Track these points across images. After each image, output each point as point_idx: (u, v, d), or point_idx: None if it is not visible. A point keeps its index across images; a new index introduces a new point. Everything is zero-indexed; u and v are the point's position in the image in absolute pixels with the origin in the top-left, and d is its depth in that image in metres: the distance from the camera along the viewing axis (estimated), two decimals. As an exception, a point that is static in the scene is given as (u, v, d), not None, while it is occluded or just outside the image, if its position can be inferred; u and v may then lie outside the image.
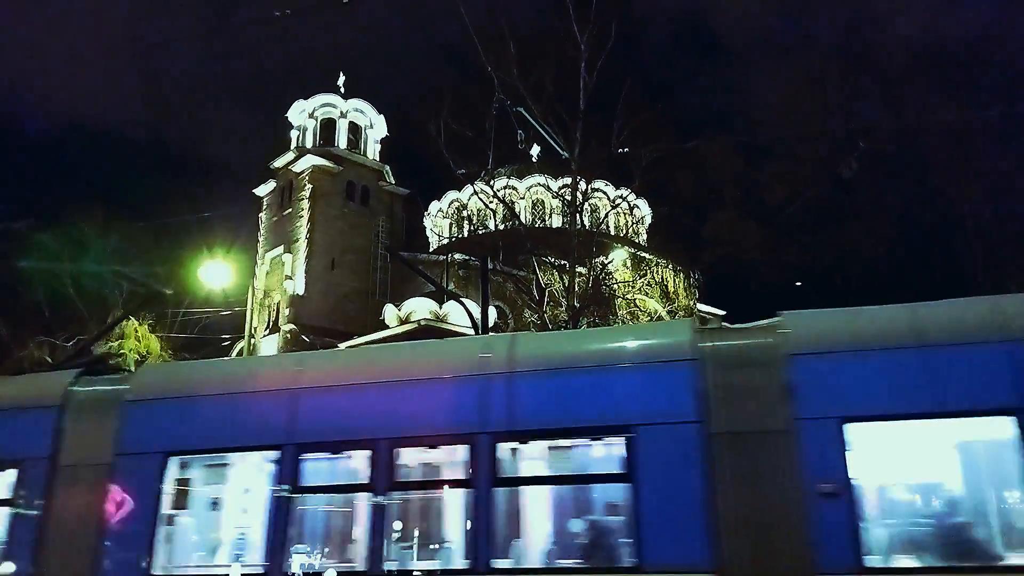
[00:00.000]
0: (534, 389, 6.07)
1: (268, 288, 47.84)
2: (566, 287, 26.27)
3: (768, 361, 5.82)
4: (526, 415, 5.96)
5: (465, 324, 26.05)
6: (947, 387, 5.45)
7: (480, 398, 6.04)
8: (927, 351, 5.64)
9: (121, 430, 6.64)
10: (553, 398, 6.04)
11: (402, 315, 34.39)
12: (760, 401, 5.66)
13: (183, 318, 36.70)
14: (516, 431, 5.96)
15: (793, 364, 5.71)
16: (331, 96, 53.45)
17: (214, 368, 9.92)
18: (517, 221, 31.65)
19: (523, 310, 28.80)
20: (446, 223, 57.40)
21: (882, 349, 5.74)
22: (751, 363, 5.92)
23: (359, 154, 52.99)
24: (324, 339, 41.07)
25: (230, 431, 6.61)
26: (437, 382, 6.37)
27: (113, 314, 35.25)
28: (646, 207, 52.75)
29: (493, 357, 6.37)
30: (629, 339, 6.79)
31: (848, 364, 5.72)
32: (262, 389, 6.78)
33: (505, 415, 5.92)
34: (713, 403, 5.65)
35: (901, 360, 5.66)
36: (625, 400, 5.93)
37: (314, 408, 6.46)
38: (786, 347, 5.83)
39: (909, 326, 5.86)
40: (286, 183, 51.16)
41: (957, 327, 5.78)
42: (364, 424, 6.28)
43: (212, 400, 6.78)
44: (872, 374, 5.64)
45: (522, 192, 52.87)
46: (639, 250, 41.72)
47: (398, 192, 53.07)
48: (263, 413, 6.52)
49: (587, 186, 29.28)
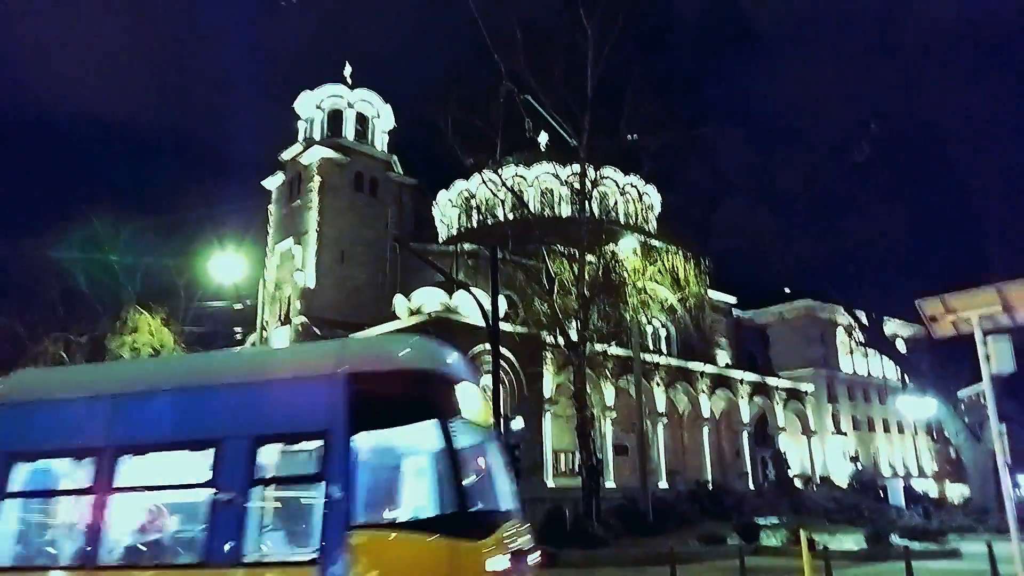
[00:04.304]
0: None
1: (279, 280, 47.99)
2: (576, 276, 26.18)
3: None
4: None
5: (475, 314, 26.06)
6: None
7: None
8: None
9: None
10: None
11: (412, 306, 34.41)
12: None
13: (195, 311, 36.94)
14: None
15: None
16: (338, 87, 53.34)
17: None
18: (526, 210, 31.56)
19: (533, 299, 28.75)
20: (455, 213, 57.36)
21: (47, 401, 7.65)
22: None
23: (367, 145, 52.92)
24: (335, 331, 41.20)
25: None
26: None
27: (125, 309, 35.57)
28: (655, 194, 52.55)
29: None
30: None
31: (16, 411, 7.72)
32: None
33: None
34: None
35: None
36: None
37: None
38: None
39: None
40: (295, 175, 51.19)
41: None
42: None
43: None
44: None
45: (531, 181, 52.73)
46: (648, 237, 41.57)
47: (406, 182, 53.00)
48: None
49: (596, 174, 29.13)
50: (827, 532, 26.11)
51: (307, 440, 6.78)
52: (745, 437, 48.85)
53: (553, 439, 36.20)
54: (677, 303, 34.09)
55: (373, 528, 6.41)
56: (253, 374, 7.68)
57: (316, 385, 6.99)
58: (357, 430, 6.54)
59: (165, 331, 35.92)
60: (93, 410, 7.51)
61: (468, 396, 7.40)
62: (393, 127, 55.28)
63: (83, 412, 7.55)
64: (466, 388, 7.43)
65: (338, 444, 6.46)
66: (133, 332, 35.06)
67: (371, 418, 6.68)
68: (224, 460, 6.75)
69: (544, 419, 35.31)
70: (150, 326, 35.46)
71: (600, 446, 33.51)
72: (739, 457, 48.85)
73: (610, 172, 47.91)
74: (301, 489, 6.91)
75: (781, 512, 32.74)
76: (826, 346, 68.63)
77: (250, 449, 6.71)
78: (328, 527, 6.27)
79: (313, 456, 6.66)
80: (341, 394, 6.73)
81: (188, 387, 7.55)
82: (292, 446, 6.93)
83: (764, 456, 50.22)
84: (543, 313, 27.66)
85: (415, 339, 7.95)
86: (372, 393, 6.79)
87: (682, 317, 49.36)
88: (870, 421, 70.45)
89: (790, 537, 22.26)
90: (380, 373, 7.03)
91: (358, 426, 6.57)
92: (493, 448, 7.93)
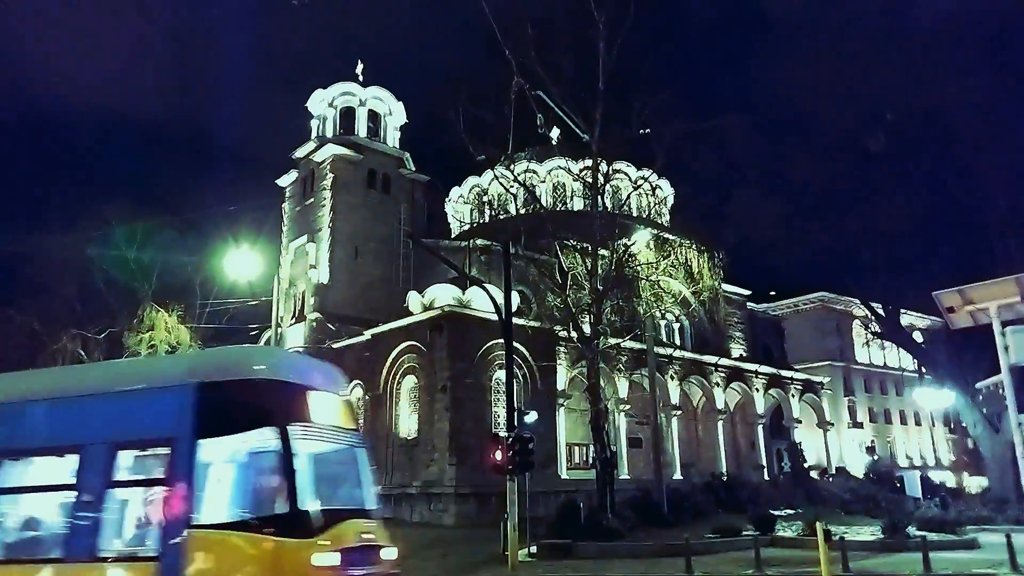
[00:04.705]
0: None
1: (293, 277, 48.28)
2: (589, 270, 26.16)
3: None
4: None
5: (488, 309, 26.12)
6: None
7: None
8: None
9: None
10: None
11: (425, 301, 34.52)
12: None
13: (211, 309, 37.26)
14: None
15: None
16: (350, 84, 53.50)
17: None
18: (538, 205, 31.50)
19: (546, 294, 28.76)
20: (467, 209, 57.42)
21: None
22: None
23: (379, 142, 53.07)
24: (349, 327, 41.42)
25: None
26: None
27: (142, 307, 35.95)
28: (668, 187, 52.37)
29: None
30: None
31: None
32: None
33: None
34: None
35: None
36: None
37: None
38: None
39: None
40: (308, 173, 51.43)
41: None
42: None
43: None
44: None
45: (543, 175, 52.68)
46: (662, 231, 41.45)
47: (419, 179, 53.10)
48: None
49: (608, 167, 29.05)
50: (843, 523, 26.03)
51: (158, 446, 7.44)
52: (760, 430, 48.68)
53: (567, 432, 36.26)
54: (691, 296, 34.07)
55: (209, 528, 6.97)
56: (114, 385, 8.37)
57: (168, 394, 7.72)
58: (202, 436, 7.23)
59: (181, 328, 36.28)
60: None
61: (318, 403, 7.95)
62: (405, 124, 55.42)
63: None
64: (316, 395, 8.00)
65: (183, 450, 7.17)
66: (150, 330, 35.44)
67: (215, 425, 7.37)
68: (84, 465, 7.47)
69: (558, 413, 35.38)
70: (166, 323, 35.81)
71: (614, 439, 33.52)
72: (754, 449, 48.69)
73: (622, 166, 47.79)
74: (150, 492, 7.46)
75: (797, 503, 32.65)
76: (842, 338, 68.19)
77: (108, 454, 7.40)
78: (168, 527, 6.94)
79: (162, 461, 7.35)
80: (189, 403, 7.43)
81: (57, 397, 8.25)
82: (145, 452, 7.63)
83: (780, 448, 50.04)
84: (556, 308, 27.66)
85: (262, 350, 9.38)
86: (216, 401, 7.45)
87: (696, 310, 49.28)
88: (887, 413, 69.97)
89: (806, 528, 22.20)
90: (225, 383, 7.66)
91: (203, 432, 7.26)
92: (348, 451, 8.47)
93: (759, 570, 16.37)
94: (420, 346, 33.12)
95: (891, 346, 58.29)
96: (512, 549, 18.51)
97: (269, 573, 6.78)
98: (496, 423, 31.52)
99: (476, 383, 31.99)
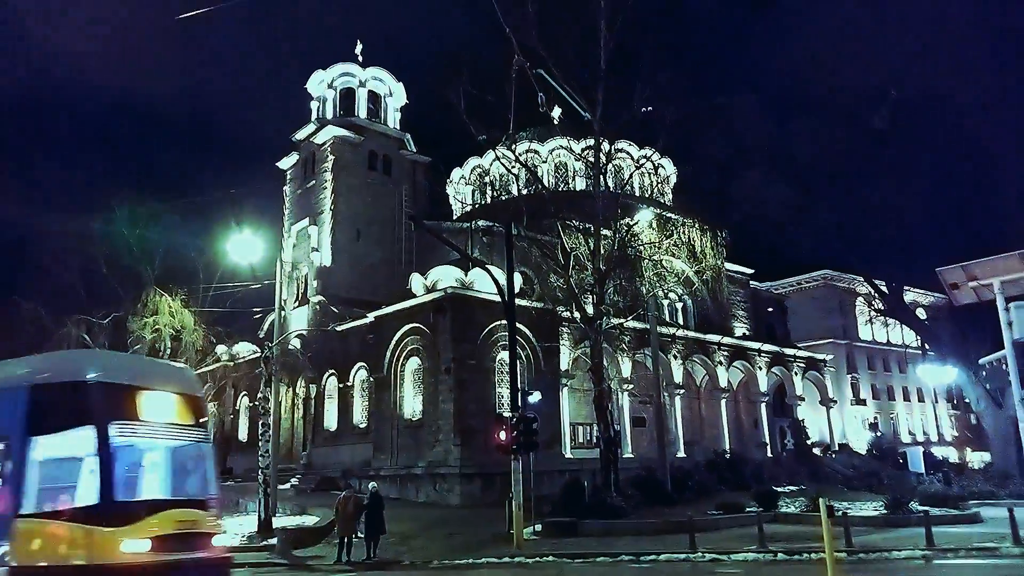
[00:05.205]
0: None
1: (296, 260, 48.31)
2: (591, 250, 26.12)
3: None
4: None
5: (491, 291, 26.13)
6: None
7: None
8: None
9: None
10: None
11: (428, 283, 34.51)
12: None
13: (215, 292, 37.29)
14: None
15: None
16: (349, 65, 53.14)
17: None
18: (540, 185, 31.37)
19: (549, 274, 28.73)
20: (469, 190, 57.23)
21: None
22: None
23: (379, 123, 52.81)
24: (352, 309, 41.49)
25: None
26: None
27: (146, 292, 36.00)
28: (671, 166, 52.09)
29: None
30: None
31: None
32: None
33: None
34: None
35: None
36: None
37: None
38: None
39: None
40: (308, 155, 51.25)
41: None
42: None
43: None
44: None
45: (544, 156, 52.42)
46: (665, 210, 41.29)
47: (420, 160, 52.89)
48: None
49: (610, 147, 28.89)
50: (847, 499, 26.20)
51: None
52: (763, 407, 48.83)
53: (571, 412, 36.42)
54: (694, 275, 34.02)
55: (34, 518, 8.10)
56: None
57: (6, 395, 8.75)
58: (33, 434, 8.32)
59: (185, 312, 36.35)
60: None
61: (150, 402, 8.94)
62: (405, 104, 55.09)
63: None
64: (148, 395, 8.97)
65: (15, 446, 8.30)
66: (154, 314, 35.51)
67: (44, 424, 8.43)
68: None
69: (561, 392, 35.49)
70: (170, 307, 35.87)
71: (617, 418, 33.65)
72: (757, 427, 48.85)
73: (625, 145, 47.49)
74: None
75: (800, 480, 32.82)
76: (845, 316, 68.21)
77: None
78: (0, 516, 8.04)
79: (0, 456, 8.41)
80: (21, 404, 8.51)
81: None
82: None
83: (783, 426, 50.20)
84: (559, 288, 27.65)
85: (95, 354, 10.75)
86: (44, 403, 8.54)
87: (699, 289, 49.23)
88: (890, 390, 70.15)
89: (809, 504, 22.34)
90: (52, 385, 8.78)
91: (33, 431, 8.35)
92: (188, 446, 9.43)
93: (763, 546, 16.51)
94: (424, 328, 33.19)
95: (894, 323, 58.30)
96: (517, 527, 18.69)
97: (84, 558, 7.85)
98: (500, 404, 31.65)
99: (480, 364, 32.08)
